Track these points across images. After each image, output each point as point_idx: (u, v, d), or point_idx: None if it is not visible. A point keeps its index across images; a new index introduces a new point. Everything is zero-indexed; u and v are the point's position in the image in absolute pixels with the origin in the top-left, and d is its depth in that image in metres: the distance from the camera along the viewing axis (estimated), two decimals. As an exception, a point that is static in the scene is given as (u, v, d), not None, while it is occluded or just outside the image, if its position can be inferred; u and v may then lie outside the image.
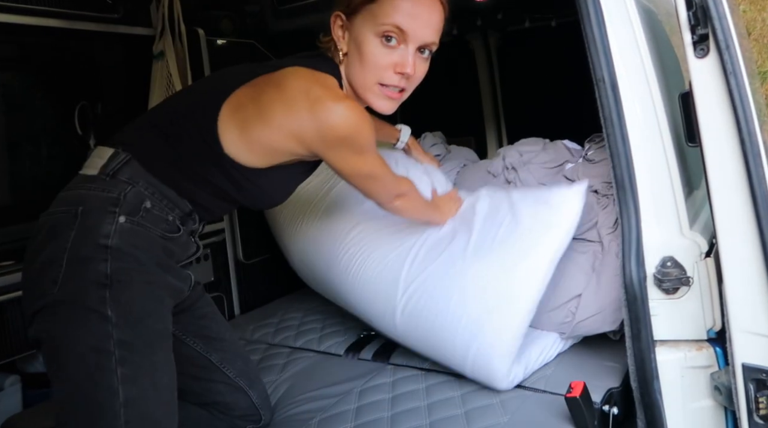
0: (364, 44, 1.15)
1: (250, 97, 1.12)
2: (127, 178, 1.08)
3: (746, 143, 0.99)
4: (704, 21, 1.01)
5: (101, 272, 1.01)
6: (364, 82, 1.18)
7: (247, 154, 1.12)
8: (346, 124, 1.08)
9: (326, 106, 1.07)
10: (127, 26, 2.02)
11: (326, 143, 1.10)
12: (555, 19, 2.35)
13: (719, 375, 1.14)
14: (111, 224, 1.04)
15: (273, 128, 1.10)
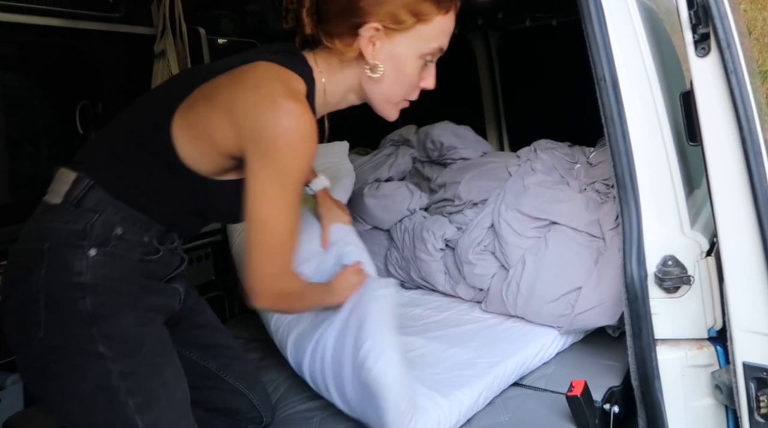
0: (407, 64, 1.08)
1: (203, 94, 1.04)
2: (93, 206, 1.02)
3: (747, 142, 0.99)
4: (705, 20, 1.00)
5: (83, 311, 0.98)
6: (392, 97, 1.12)
7: (198, 157, 1.03)
8: (287, 132, 0.96)
9: (277, 103, 0.96)
10: (128, 25, 2.02)
11: (254, 143, 0.98)
12: (555, 18, 2.35)
13: (720, 374, 1.14)
14: (81, 259, 0.99)
15: (216, 113, 1.00)
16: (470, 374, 1.38)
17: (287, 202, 1.01)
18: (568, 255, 1.54)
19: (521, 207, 1.69)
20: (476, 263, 1.71)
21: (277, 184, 0.99)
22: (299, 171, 1.00)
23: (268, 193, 1.00)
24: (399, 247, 1.95)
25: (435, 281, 1.84)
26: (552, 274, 1.54)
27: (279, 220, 1.01)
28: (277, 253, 1.04)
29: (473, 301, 1.79)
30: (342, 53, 1.07)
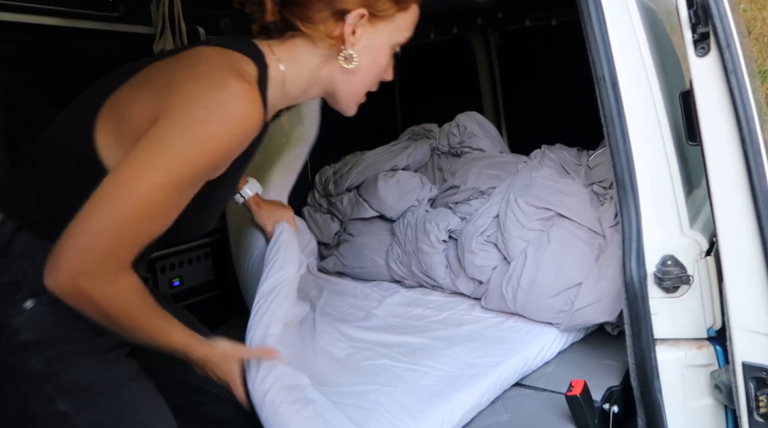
0: (381, 54, 1.04)
1: (134, 82, 0.91)
2: (22, 252, 0.90)
3: (747, 142, 0.99)
4: (705, 19, 1.00)
5: (31, 371, 0.90)
6: (361, 89, 1.06)
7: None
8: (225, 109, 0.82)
9: (222, 81, 0.84)
10: (127, 25, 2.02)
11: (179, 110, 0.82)
12: (555, 18, 2.35)
13: (719, 374, 1.14)
14: (18, 315, 0.89)
15: (143, 93, 0.87)
16: (472, 374, 1.38)
17: (170, 180, 0.81)
18: (569, 251, 1.54)
19: (528, 197, 1.69)
20: (478, 252, 1.71)
21: (171, 153, 0.80)
22: (208, 155, 0.82)
23: (159, 156, 0.80)
24: (401, 242, 1.95)
25: (436, 274, 1.84)
26: (553, 270, 1.55)
27: (145, 192, 0.80)
28: (118, 226, 0.80)
29: (473, 298, 1.79)
30: (321, 40, 0.98)
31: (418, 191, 2.07)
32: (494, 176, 1.93)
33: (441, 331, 1.62)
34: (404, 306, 1.80)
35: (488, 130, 2.24)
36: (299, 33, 0.98)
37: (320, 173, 2.38)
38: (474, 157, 2.13)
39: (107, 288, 0.85)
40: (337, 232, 2.22)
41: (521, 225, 1.66)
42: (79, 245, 0.81)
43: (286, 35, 1.00)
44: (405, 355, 1.47)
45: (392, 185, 2.08)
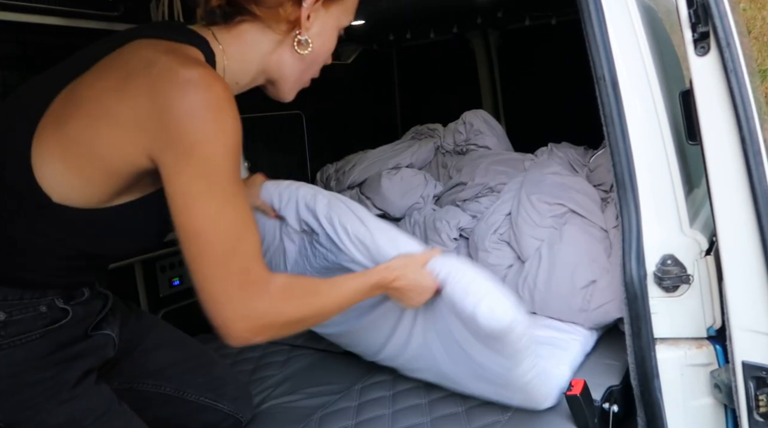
0: (330, 38, 0.99)
1: (69, 102, 0.81)
2: None
3: (747, 141, 0.99)
4: (705, 19, 1.00)
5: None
6: (306, 75, 1.01)
7: (81, 189, 0.80)
8: (194, 105, 0.74)
9: (176, 74, 0.76)
10: (127, 24, 2.01)
11: (162, 134, 0.76)
12: (555, 17, 2.35)
13: (719, 373, 1.14)
14: None
15: (95, 122, 0.78)
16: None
17: (221, 198, 0.78)
18: (583, 249, 1.53)
19: (541, 194, 1.68)
20: (491, 251, 1.68)
21: (200, 177, 0.77)
22: (224, 152, 0.77)
23: (192, 190, 0.77)
24: None
25: None
26: (568, 269, 1.53)
27: (215, 223, 0.78)
28: (225, 267, 0.79)
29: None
30: (277, 25, 0.92)
31: (422, 188, 2.05)
32: (502, 172, 1.91)
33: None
34: None
35: (495, 128, 2.24)
36: (249, 18, 0.91)
37: (321, 171, 2.38)
38: (480, 154, 2.12)
39: (270, 306, 0.84)
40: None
41: (534, 223, 1.64)
42: (218, 303, 0.80)
43: (233, 21, 0.91)
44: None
45: (396, 182, 2.05)
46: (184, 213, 0.78)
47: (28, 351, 0.84)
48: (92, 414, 0.90)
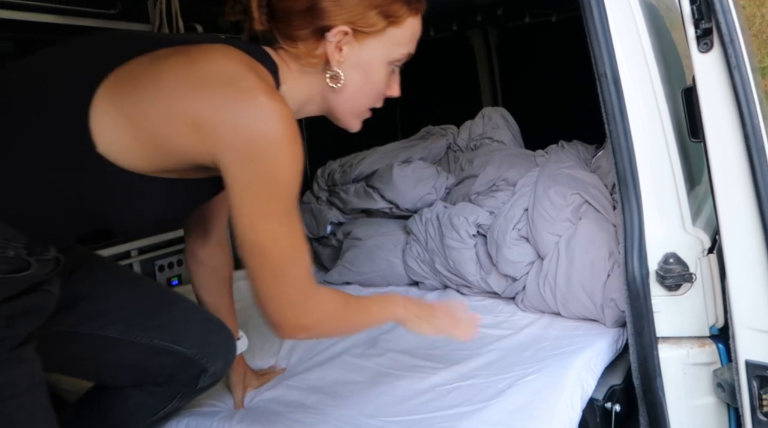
0: (375, 71, 0.98)
1: (145, 70, 0.84)
2: None
3: (750, 138, 0.99)
4: (708, 15, 1.00)
5: None
6: (357, 107, 1.01)
7: (128, 150, 0.83)
8: (274, 135, 0.81)
9: (258, 102, 0.81)
10: (125, 22, 2.01)
11: (233, 152, 0.82)
12: (555, 14, 2.34)
13: (722, 372, 1.13)
14: None
15: (173, 113, 0.82)
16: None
17: (284, 216, 0.87)
18: (600, 244, 1.51)
19: (558, 186, 1.66)
20: (512, 247, 1.66)
21: (269, 198, 0.85)
22: (291, 180, 0.85)
23: (259, 209, 0.85)
24: (421, 240, 1.88)
25: (466, 271, 1.75)
26: (587, 265, 1.51)
27: (277, 239, 0.87)
28: (283, 276, 0.89)
29: (506, 297, 1.72)
30: (304, 59, 0.94)
31: (434, 179, 2.02)
32: (516, 164, 1.89)
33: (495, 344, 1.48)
34: None
35: (512, 125, 2.22)
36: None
37: (323, 168, 2.35)
38: (494, 148, 2.10)
39: (317, 308, 0.95)
40: (333, 232, 2.18)
41: (551, 218, 1.61)
42: (275, 304, 0.91)
43: (276, 46, 0.95)
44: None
45: (408, 172, 2.02)
46: (248, 224, 0.86)
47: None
48: (22, 382, 0.84)
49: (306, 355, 1.48)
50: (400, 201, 2.05)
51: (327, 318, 0.98)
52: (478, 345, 1.43)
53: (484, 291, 1.77)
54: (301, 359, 1.48)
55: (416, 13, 0.98)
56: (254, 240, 0.86)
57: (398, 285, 1.96)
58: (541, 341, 1.42)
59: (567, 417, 1.14)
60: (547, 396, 1.18)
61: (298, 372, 1.41)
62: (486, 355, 1.39)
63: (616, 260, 1.48)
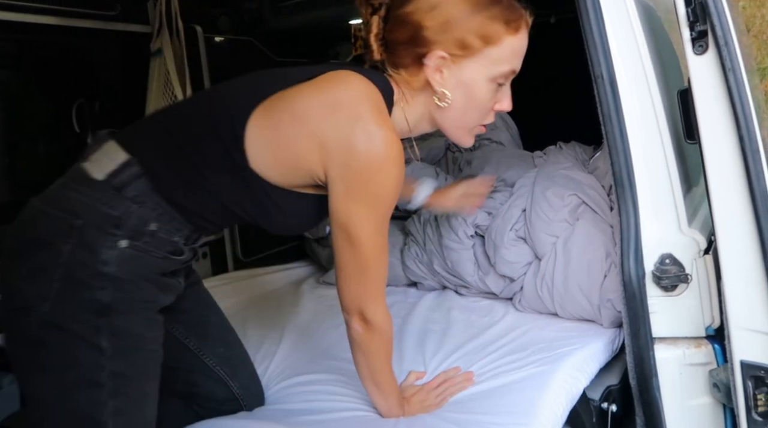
0: (478, 89, 1.05)
1: (284, 101, 1.01)
2: (134, 197, 0.98)
3: (745, 140, 0.99)
4: (703, 17, 1.00)
5: (98, 301, 0.95)
6: (465, 123, 1.10)
7: (272, 167, 1.00)
8: (378, 157, 0.96)
9: (368, 127, 0.96)
10: (124, 23, 2.02)
11: (343, 167, 0.97)
12: (554, 15, 2.34)
13: (718, 373, 1.14)
14: (111, 249, 0.95)
15: (303, 133, 0.98)
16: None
17: (377, 224, 1.02)
18: (596, 244, 1.51)
19: (556, 187, 1.66)
20: (510, 248, 1.66)
21: (366, 208, 1.00)
22: (389, 197, 1.00)
23: (357, 214, 1.00)
24: (419, 240, 1.89)
25: (464, 271, 1.76)
26: (583, 265, 1.52)
27: (369, 239, 1.01)
28: (366, 272, 1.04)
29: (503, 297, 1.73)
30: (407, 83, 1.07)
31: (433, 180, 2.04)
32: (514, 165, 1.89)
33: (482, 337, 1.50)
34: (429, 310, 1.72)
35: (510, 126, 2.23)
36: None
37: None
38: (492, 148, 2.10)
39: (379, 317, 1.07)
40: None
41: (549, 219, 1.62)
42: (350, 293, 1.06)
43: (387, 73, 1.08)
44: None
45: (407, 172, 2.03)
46: (345, 223, 1.00)
47: (152, 265, 1.01)
48: (157, 341, 1.04)
49: (299, 360, 1.48)
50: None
51: (383, 327, 1.09)
52: (476, 348, 1.44)
53: (481, 291, 1.77)
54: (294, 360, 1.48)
55: (514, 32, 1.06)
56: (350, 235, 1.01)
57: (396, 286, 1.96)
58: (538, 342, 1.42)
59: (552, 414, 1.14)
60: (532, 395, 1.18)
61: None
62: (485, 357, 1.39)
63: (613, 261, 1.48)
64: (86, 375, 0.95)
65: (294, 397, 1.33)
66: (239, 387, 1.30)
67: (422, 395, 1.22)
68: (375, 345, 1.11)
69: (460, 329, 1.56)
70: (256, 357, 1.47)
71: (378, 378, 1.14)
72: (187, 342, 1.25)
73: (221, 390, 1.28)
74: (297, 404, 1.29)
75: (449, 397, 1.22)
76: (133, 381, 0.99)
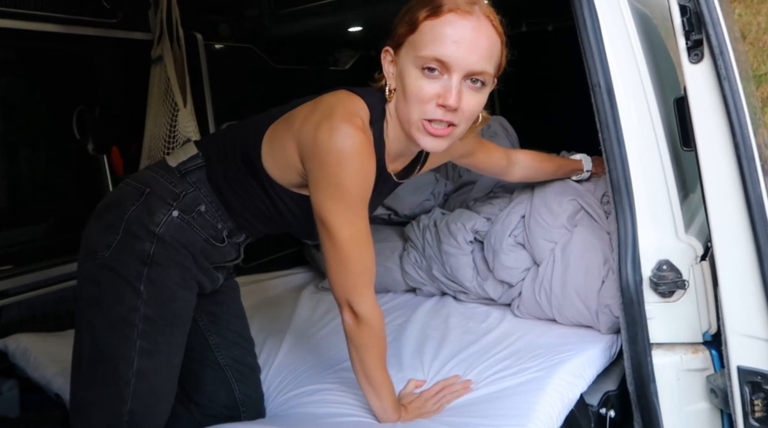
0: (406, 77, 1.06)
1: (287, 117, 1.15)
2: (193, 182, 1.18)
3: (740, 147, 1.00)
4: (698, 27, 1.02)
5: (145, 251, 1.12)
6: (408, 117, 1.08)
7: (273, 166, 1.14)
8: (338, 150, 1.02)
9: (331, 122, 1.04)
10: (125, 31, 2.03)
11: (312, 159, 1.06)
12: (551, 23, 2.36)
13: (715, 378, 1.14)
14: (165, 215, 1.14)
15: (290, 136, 1.11)
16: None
17: (347, 215, 1.06)
18: (593, 251, 1.51)
19: (554, 193, 1.67)
20: (509, 253, 1.67)
21: (332, 199, 1.05)
22: (353, 188, 1.04)
23: (328, 205, 1.06)
24: (418, 246, 1.90)
25: (463, 277, 1.77)
26: (581, 271, 1.52)
27: (341, 230, 1.06)
28: (345, 263, 1.09)
29: (501, 304, 1.73)
30: (380, 86, 1.13)
31: (433, 186, 2.04)
32: None
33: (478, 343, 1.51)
34: (427, 318, 1.73)
35: (510, 134, 2.21)
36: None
37: None
38: None
39: (367, 310, 1.11)
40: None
41: (547, 225, 1.62)
42: (336, 283, 1.11)
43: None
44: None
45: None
46: (321, 214, 1.07)
47: (194, 239, 1.17)
48: (188, 304, 1.18)
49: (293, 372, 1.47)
50: (399, 207, 2.07)
51: (372, 321, 1.12)
52: (474, 354, 1.45)
53: (480, 297, 1.78)
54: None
55: (435, 15, 1.03)
56: (325, 226, 1.07)
57: (396, 291, 1.97)
58: (535, 348, 1.42)
59: (548, 417, 1.14)
60: (529, 398, 1.18)
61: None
62: (483, 363, 1.39)
63: (611, 267, 1.49)
64: (125, 313, 1.11)
65: (292, 402, 1.34)
66: (242, 393, 1.34)
67: (420, 402, 1.23)
68: (365, 339, 1.13)
69: (459, 335, 1.56)
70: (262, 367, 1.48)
71: (370, 374, 1.16)
72: (208, 336, 1.35)
73: (224, 393, 1.32)
74: (295, 410, 1.30)
75: (447, 404, 1.22)
76: (160, 328, 1.13)
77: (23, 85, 2.03)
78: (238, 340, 1.38)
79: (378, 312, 1.14)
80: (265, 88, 2.33)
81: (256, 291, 2.08)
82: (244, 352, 1.38)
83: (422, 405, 1.22)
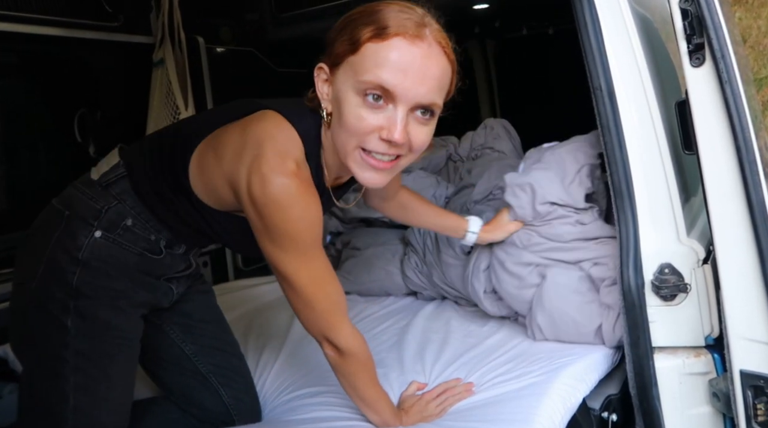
0: (344, 103, 0.94)
1: (216, 139, 1.05)
2: (117, 194, 1.09)
3: (742, 151, 1.00)
4: (700, 31, 1.02)
5: (68, 283, 1.05)
6: (344, 146, 0.97)
7: (203, 192, 1.06)
8: (273, 200, 0.93)
9: (260, 170, 0.94)
10: (127, 34, 2.03)
11: (250, 208, 0.97)
12: (552, 26, 2.37)
13: (717, 382, 1.14)
14: (86, 237, 1.06)
15: (219, 173, 1.01)
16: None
17: (299, 261, 1.00)
18: (571, 278, 1.48)
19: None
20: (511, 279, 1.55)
21: (280, 248, 0.99)
22: (300, 234, 0.97)
23: (277, 254, 0.99)
24: (419, 251, 1.89)
25: (462, 287, 1.74)
26: (572, 282, 1.48)
27: (296, 275, 1.01)
28: (311, 305, 1.04)
29: (500, 316, 1.66)
30: (313, 105, 1.01)
31: (434, 188, 2.01)
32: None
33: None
34: (428, 320, 1.71)
35: (513, 137, 2.20)
36: None
37: None
38: (493, 157, 2.09)
39: (346, 341, 1.06)
40: (332, 241, 2.19)
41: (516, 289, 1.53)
42: (305, 320, 1.06)
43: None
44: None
45: (407, 181, 1.97)
46: (274, 264, 1.02)
47: (124, 257, 1.08)
48: (126, 331, 1.10)
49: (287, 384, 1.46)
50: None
51: (354, 350, 1.08)
52: (475, 357, 1.44)
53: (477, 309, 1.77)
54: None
55: (379, 39, 0.91)
56: (280, 274, 1.03)
57: (396, 295, 1.96)
58: (537, 352, 1.41)
59: (550, 421, 1.14)
60: (530, 403, 1.17)
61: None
62: (485, 367, 1.39)
63: (595, 285, 1.44)
64: (54, 350, 1.05)
65: (291, 406, 1.33)
66: (230, 398, 1.31)
67: (421, 405, 1.22)
68: (351, 368, 1.10)
69: (460, 338, 1.56)
70: (254, 368, 1.48)
71: (364, 395, 1.13)
72: (183, 346, 1.29)
73: (212, 400, 1.30)
74: (294, 414, 1.29)
75: (449, 407, 1.22)
76: (95, 360, 1.07)
77: (25, 88, 2.03)
78: (218, 344, 1.33)
79: (359, 339, 1.09)
80: (267, 91, 2.34)
81: (255, 295, 2.08)
82: (227, 356, 1.34)
83: (424, 408, 1.21)
